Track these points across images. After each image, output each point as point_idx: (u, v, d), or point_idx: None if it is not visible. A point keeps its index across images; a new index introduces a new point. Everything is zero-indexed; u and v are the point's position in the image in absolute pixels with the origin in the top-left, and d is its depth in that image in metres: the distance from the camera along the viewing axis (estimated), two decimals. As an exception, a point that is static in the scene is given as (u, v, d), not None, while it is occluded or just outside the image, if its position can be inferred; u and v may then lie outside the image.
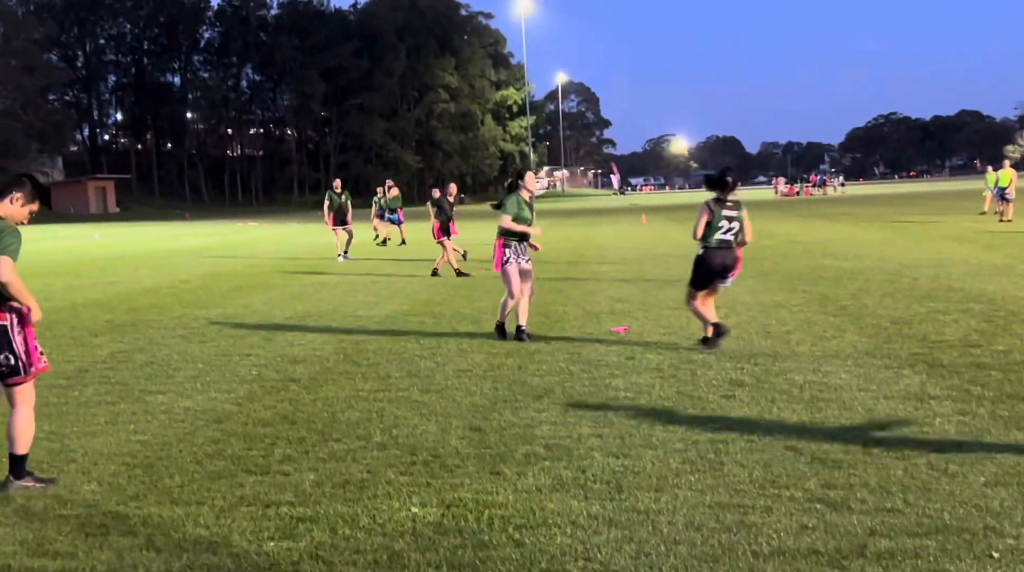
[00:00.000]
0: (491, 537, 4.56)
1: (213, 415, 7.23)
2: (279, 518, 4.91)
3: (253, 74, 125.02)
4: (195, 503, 5.18)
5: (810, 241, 24.04)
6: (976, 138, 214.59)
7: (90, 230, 52.61)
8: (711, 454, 5.77)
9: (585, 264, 19.75)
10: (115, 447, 6.39)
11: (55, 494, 5.40)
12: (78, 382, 8.66)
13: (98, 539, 4.69)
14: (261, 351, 10.06)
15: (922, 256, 18.41)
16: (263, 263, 23.79)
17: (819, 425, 6.36)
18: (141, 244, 36.22)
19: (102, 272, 21.90)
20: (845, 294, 13.05)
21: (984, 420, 6.36)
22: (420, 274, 17.48)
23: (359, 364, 9.14)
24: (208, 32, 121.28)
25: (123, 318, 13.16)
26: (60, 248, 34.49)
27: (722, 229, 9.11)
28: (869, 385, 7.49)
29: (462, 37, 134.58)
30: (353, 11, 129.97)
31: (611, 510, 4.86)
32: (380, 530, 4.70)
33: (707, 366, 8.46)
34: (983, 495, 4.92)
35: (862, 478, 5.23)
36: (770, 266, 17.20)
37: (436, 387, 7.99)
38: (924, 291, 13.01)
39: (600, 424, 6.58)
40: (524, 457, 5.85)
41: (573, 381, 8.04)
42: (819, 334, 9.95)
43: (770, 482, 5.22)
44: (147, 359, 9.80)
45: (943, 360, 8.34)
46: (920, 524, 4.55)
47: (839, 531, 4.49)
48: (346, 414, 7.12)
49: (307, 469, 5.75)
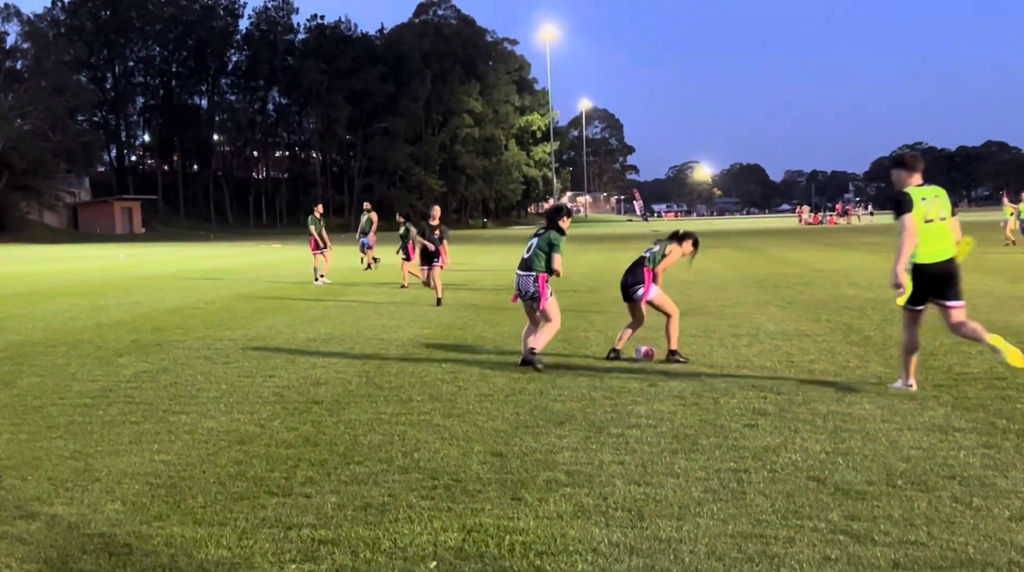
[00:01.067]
0: (512, 563, 4.56)
1: (236, 436, 7.26)
2: (301, 540, 4.92)
3: (279, 97, 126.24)
4: (218, 524, 5.21)
5: (834, 270, 23.94)
6: (1002, 169, 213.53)
7: (116, 250, 53.06)
8: (733, 483, 5.75)
9: (608, 289, 19.73)
10: (139, 467, 6.43)
11: (79, 513, 5.44)
12: (103, 401, 8.72)
13: (121, 559, 4.71)
14: (284, 373, 10.10)
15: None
16: (286, 285, 23.92)
17: (842, 456, 6.33)
18: (166, 265, 36.49)
19: (127, 292, 22.07)
20: (869, 324, 12.98)
21: (1009, 453, 6.30)
22: (444, 300, 17.51)
23: (381, 387, 9.16)
24: (236, 55, 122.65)
25: (148, 338, 13.25)
26: (86, 268, 34.78)
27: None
28: (893, 416, 7.45)
29: (487, 63, 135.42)
30: (379, 36, 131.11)
31: (632, 538, 4.85)
32: (401, 554, 4.71)
33: (730, 394, 8.43)
34: (1008, 529, 4.88)
35: (885, 510, 5.20)
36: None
37: (458, 411, 8.00)
38: (949, 322, 12.90)
39: (622, 451, 6.57)
40: (545, 483, 5.85)
41: (595, 407, 8.03)
42: (843, 364, 9.91)
43: (793, 512, 5.19)
44: (171, 379, 9.86)
45: (968, 392, 8.28)
46: (944, 557, 4.51)
47: (862, 563, 4.46)
48: (368, 437, 7.14)
49: (329, 492, 5.76)
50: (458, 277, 24.57)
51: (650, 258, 10.55)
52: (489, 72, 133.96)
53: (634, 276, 10.48)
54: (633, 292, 10.45)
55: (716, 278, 22.25)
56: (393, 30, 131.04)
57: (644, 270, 10.46)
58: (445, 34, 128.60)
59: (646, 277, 10.43)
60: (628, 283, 10.52)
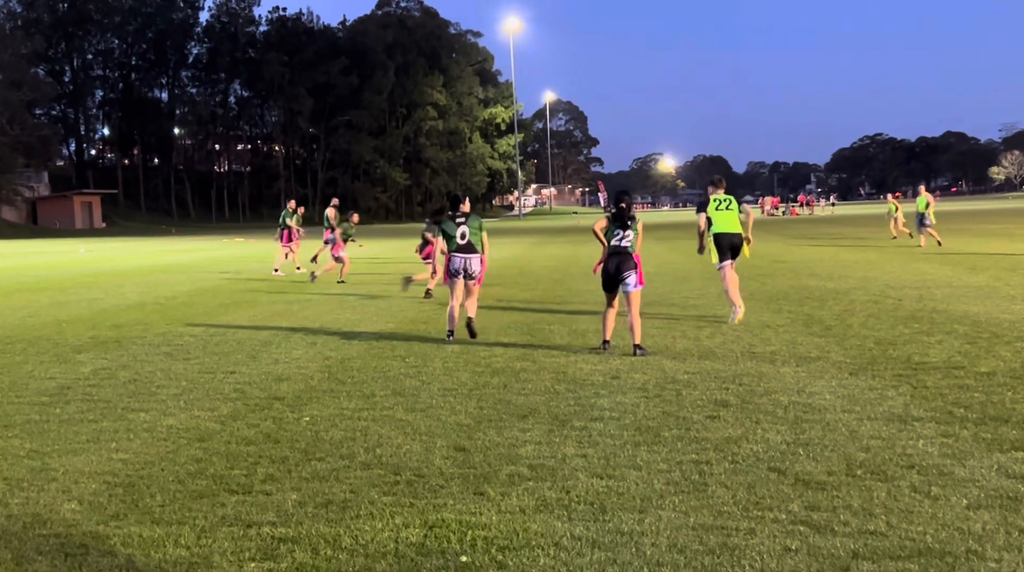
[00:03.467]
0: (474, 559, 4.54)
1: (196, 433, 7.19)
2: (261, 539, 4.88)
3: (241, 90, 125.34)
4: (176, 523, 5.15)
5: (796, 261, 24.14)
6: (961, 159, 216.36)
7: (76, 245, 52.43)
8: (695, 475, 5.77)
9: (571, 281, 19.76)
10: (96, 465, 6.35)
11: (35, 513, 5.36)
12: (60, 399, 8.61)
13: (78, 559, 4.65)
14: (245, 369, 10.02)
15: (907, 277, 18.50)
16: (249, 280, 23.73)
17: (803, 446, 6.37)
18: (127, 260, 36.11)
19: (87, 288, 21.81)
20: (830, 315, 13.09)
21: (967, 442, 6.37)
22: (408, 293, 17.43)
23: (344, 382, 9.11)
24: (196, 48, 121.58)
25: (107, 335, 13.10)
26: (45, 263, 34.35)
27: (617, 236, 10.63)
28: (853, 406, 7.51)
29: (451, 55, 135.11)
30: (342, 28, 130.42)
31: (595, 532, 4.85)
32: (362, 551, 4.68)
33: (692, 386, 8.46)
34: (966, 518, 4.93)
35: (845, 500, 5.24)
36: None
37: (421, 406, 7.97)
38: (908, 312, 13.07)
39: (585, 444, 6.58)
40: (508, 477, 5.83)
41: (558, 400, 8.03)
42: (804, 355, 9.98)
43: (754, 504, 5.22)
44: (131, 376, 9.75)
45: (927, 382, 8.37)
46: (903, 547, 4.55)
47: (822, 554, 4.49)
48: (330, 433, 7.10)
49: (290, 489, 5.72)
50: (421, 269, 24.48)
51: (631, 245, 10.65)
52: (453, 64, 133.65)
53: (627, 264, 10.56)
54: (624, 279, 10.51)
55: (679, 270, 22.33)
56: (356, 22, 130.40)
57: (635, 257, 10.65)
58: (408, 26, 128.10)
59: (638, 264, 10.66)
60: (620, 270, 10.53)
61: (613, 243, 10.62)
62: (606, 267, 10.66)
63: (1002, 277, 17.81)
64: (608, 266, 10.64)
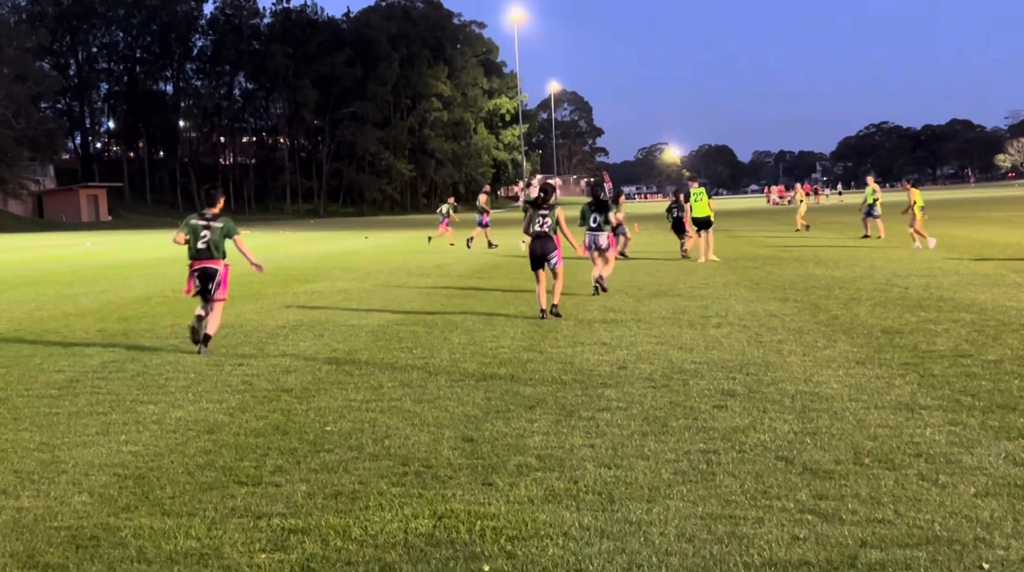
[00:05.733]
0: (483, 548, 4.56)
1: (205, 425, 7.22)
2: (270, 530, 4.90)
3: (246, 82, 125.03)
4: (186, 514, 5.17)
5: (801, 249, 24.10)
6: (967, 147, 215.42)
7: (82, 238, 52.46)
8: (703, 465, 5.78)
9: (578, 273, 19.73)
10: (106, 458, 6.38)
11: (46, 506, 5.39)
12: (69, 392, 8.64)
13: (89, 551, 4.68)
14: (253, 361, 10.05)
15: (913, 266, 18.47)
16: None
17: (810, 435, 6.37)
18: (133, 252, 36.15)
19: (94, 281, 21.85)
20: (836, 304, 13.08)
21: (975, 430, 6.37)
22: (413, 284, 17.46)
23: (351, 374, 9.13)
24: (201, 40, 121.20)
25: (115, 327, 13.14)
26: (52, 257, 34.41)
27: (538, 222, 12.61)
28: (860, 395, 7.51)
29: (455, 46, 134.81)
30: (346, 20, 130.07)
31: (603, 521, 4.87)
32: (372, 542, 4.70)
33: (699, 376, 8.47)
34: (973, 506, 4.93)
35: (853, 489, 5.24)
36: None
37: (428, 397, 7.99)
38: (915, 301, 13.05)
39: (592, 434, 6.59)
40: (516, 468, 5.85)
41: (565, 391, 8.04)
42: (810, 344, 9.98)
43: (761, 493, 5.23)
44: (139, 369, 9.78)
45: (934, 370, 8.37)
46: (911, 535, 4.56)
47: (830, 542, 4.50)
48: (338, 424, 7.12)
49: (299, 480, 5.74)
50: (429, 259, 24.53)
51: (552, 229, 12.61)
52: (457, 55, 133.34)
53: (548, 246, 12.59)
54: (548, 259, 12.59)
55: (685, 260, 22.31)
56: (360, 13, 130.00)
57: (555, 239, 12.68)
58: (412, 17, 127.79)
59: (558, 245, 12.75)
60: (544, 251, 12.58)
61: (535, 229, 12.57)
62: (532, 249, 12.63)
63: (1008, 265, 17.78)
64: (534, 248, 12.60)
